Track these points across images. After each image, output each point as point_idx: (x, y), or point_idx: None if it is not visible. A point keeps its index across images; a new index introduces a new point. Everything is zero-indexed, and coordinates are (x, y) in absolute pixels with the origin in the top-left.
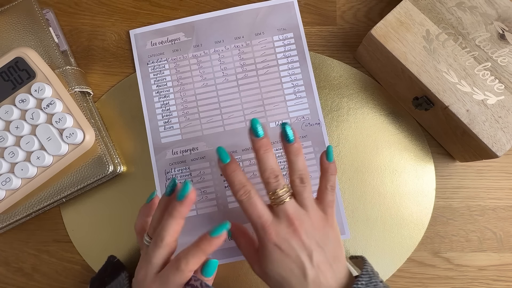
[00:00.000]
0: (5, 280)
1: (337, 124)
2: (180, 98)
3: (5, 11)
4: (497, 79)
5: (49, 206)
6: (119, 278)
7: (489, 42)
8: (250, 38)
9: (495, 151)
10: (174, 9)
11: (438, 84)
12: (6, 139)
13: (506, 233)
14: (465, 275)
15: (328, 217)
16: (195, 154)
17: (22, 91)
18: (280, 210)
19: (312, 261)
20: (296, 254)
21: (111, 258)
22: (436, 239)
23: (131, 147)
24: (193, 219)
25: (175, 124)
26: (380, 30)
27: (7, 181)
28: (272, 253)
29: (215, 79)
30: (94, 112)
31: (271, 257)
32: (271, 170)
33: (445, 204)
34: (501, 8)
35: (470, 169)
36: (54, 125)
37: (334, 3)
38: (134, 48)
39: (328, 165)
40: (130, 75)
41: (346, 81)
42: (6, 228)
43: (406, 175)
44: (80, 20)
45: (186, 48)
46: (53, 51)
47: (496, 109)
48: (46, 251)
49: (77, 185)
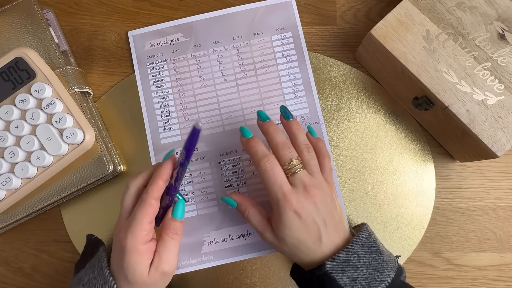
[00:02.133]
0: (5, 280)
1: (337, 124)
2: (179, 99)
3: (5, 11)
4: (497, 79)
5: (49, 206)
6: (98, 253)
7: (489, 42)
8: (249, 38)
9: (495, 151)
10: (174, 9)
11: (438, 84)
12: (6, 139)
13: (506, 233)
14: (465, 275)
15: (330, 184)
16: (195, 155)
17: (22, 91)
18: (296, 179)
19: (326, 224)
20: (312, 219)
21: (89, 237)
22: (436, 239)
23: (131, 147)
24: (193, 219)
25: (174, 125)
26: (380, 30)
27: (7, 181)
28: (291, 219)
29: (214, 79)
30: (94, 112)
31: (289, 222)
32: (283, 142)
33: (445, 204)
34: (501, 8)
35: (470, 169)
36: (54, 125)
37: (334, 3)
38: (133, 49)
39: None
40: (130, 75)
41: (346, 81)
42: (6, 228)
43: (406, 175)
44: (80, 20)
45: (185, 49)
46: (53, 51)
47: (496, 109)
48: (46, 251)
49: (77, 185)
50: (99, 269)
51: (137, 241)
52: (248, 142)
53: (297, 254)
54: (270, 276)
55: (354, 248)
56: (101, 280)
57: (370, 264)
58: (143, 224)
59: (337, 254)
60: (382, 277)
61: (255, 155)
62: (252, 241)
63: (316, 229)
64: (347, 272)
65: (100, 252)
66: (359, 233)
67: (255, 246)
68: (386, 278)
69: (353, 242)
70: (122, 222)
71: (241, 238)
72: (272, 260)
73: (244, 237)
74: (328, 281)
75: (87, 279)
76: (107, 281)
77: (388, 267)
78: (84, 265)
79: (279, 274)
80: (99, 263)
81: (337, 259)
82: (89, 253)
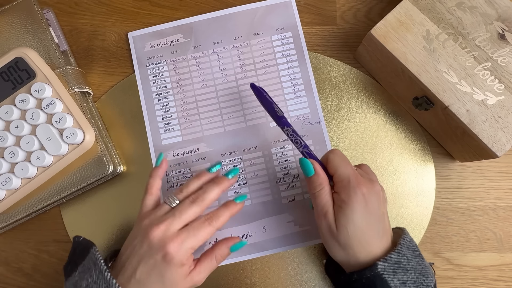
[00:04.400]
0: (5, 280)
1: (337, 124)
2: (180, 99)
3: (5, 11)
4: (497, 79)
5: (49, 206)
6: (90, 255)
7: (489, 42)
8: (249, 38)
9: (495, 151)
10: (174, 9)
11: (438, 84)
12: (6, 139)
13: (506, 233)
14: (465, 275)
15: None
16: (196, 155)
17: (22, 91)
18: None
19: (383, 221)
20: (375, 211)
21: (76, 238)
22: (436, 239)
23: (131, 147)
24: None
25: (175, 126)
26: (380, 30)
27: (7, 181)
28: (359, 203)
29: (214, 80)
30: (94, 112)
31: (356, 206)
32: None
33: (445, 204)
34: (501, 8)
35: (470, 169)
36: (54, 125)
37: (334, 3)
38: (133, 50)
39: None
40: (130, 75)
41: (346, 81)
42: (6, 228)
43: (406, 175)
44: (80, 20)
45: (185, 50)
46: (53, 51)
47: (496, 109)
48: (46, 251)
49: (77, 185)
50: (98, 272)
51: (188, 255)
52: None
53: (352, 247)
54: (270, 276)
55: (403, 250)
56: (102, 284)
57: (416, 268)
58: (200, 243)
59: (389, 255)
60: (428, 282)
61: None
62: (253, 241)
63: (377, 222)
64: (398, 275)
65: (93, 254)
66: (404, 236)
67: (256, 246)
68: (430, 283)
69: (401, 244)
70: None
71: (242, 239)
72: (272, 260)
73: (246, 237)
74: (379, 283)
75: (86, 284)
76: (111, 285)
77: (430, 272)
78: (75, 268)
79: (279, 274)
80: (95, 266)
81: (389, 259)
82: (79, 255)
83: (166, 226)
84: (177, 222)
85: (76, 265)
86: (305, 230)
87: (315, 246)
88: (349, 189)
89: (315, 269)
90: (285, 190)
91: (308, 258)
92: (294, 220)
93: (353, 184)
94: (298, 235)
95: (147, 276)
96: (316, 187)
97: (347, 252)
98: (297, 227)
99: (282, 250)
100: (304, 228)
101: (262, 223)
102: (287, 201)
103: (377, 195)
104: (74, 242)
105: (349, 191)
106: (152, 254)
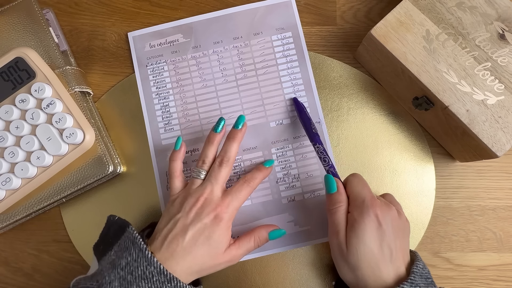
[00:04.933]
0: (5, 280)
1: (337, 124)
2: (180, 99)
3: (5, 11)
4: (497, 79)
5: (49, 206)
6: (126, 233)
7: (489, 42)
8: (249, 38)
9: (495, 151)
10: (174, 9)
11: (438, 84)
12: (6, 139)
13: (506, 233)
14: (465, 275)
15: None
16: (196, 155)
17: (22, 91)
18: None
19: (397, 246)
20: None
21: (111, 218)
22: (436, 239)
23: (131, 147)
24: None
25: (175, 126)
26: (380, 30)
27: (7, 181)
28: (371, 223)
29: (214, 80)
30: (94, 112)
31: (368, 226)
32: None
33: (445, 204)
34: (501, 8)
35: (470, 169)
36: (54, 125)
37: (334, 3)
38: (133, 50)
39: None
40: (130, 75)
41: (346, 81)
42: (6, 228)
43: (406, 175)
44: (80, 20)
45: (185, 50)
46: (53, 51)
47: (496, 109)
48: (46, 251)
49: (77, 185)
50: (138, 250)
51: (233, 216)
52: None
53: (361, 269)
54: (270, 276)
55: (416, 280)
56: (143, 262)
57: None
58: (242, 203)
59: (401, 285)
60: None
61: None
62: None
63: (389, 248)
64: None
65: (130, 233)
66: (416, 263)
67: None
68: None
69: (414, 273)
70: (218, 191)
71: None
72: (272, 260)
73: None
74: None
75: (125, 263)
76: (152, 263)
77: None
78: (109, 247)
79: (279, 274)
80: (134, 245)
81: None
82: (113, 234)
83: (209, 194)
84: (217, 187)
85: (111, 244)
86: (305, 230)
87: (315, 246)
88: (363, 208)
89: (315, 269)
90: (285, 190)
91: (308, 258)
92: (294, 220)
93: (367, 203)
94: (298, 235)
95: (194, 242)
96: (335, 203)
97: (355, 274)
98: (297, 227)
99: (282, 250)
100: (304, 228)
101: (262, 223)
102: (287, 201)
103: (392, 218)
104: (108, 221)
105: (362, 210)
106: (201, 219)
